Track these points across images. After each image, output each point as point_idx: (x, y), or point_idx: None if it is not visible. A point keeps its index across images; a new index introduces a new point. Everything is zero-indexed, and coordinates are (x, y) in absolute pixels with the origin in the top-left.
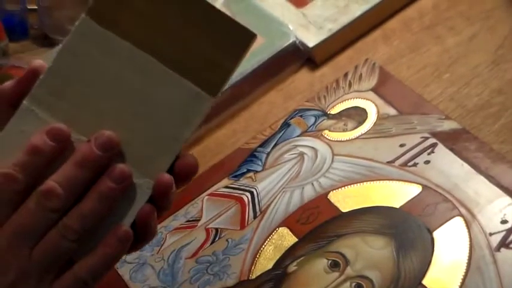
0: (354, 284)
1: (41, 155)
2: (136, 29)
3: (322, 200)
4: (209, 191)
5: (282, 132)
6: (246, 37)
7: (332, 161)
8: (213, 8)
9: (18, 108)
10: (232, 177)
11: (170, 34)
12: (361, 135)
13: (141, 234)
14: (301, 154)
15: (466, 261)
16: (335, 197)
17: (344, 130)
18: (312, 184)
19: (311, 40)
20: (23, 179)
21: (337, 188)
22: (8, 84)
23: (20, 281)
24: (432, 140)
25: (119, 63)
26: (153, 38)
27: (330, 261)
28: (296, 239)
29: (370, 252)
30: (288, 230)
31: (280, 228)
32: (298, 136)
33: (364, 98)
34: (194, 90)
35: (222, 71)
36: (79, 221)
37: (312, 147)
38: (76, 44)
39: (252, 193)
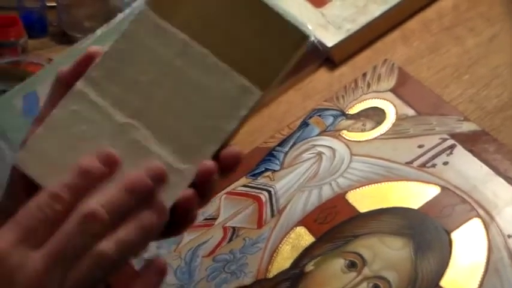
0: (371, 284)
1: (89, 178)
2: (193, 22)
3: (340, 200)
4: (227, 190)
5: (300, 131)
6: (299, 37)
7: (350, 161)
8: (269, 7)
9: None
10: (250, 176)
11: (225, 29)
12: (380, 135)
13: (181, 219)
14: (319, 154)
15: (484, 263)
16: (353, 197)
17: (362, 130)
18: (330, 184)
19: (330, 40)
20: (68, 199)
21: (355, 188)
22: (66, 67)
23: None
24: (451, 141)
25: (173, 53)
26: (208, 32)
27: (347, 262)
28: (313, 239)
29: (387, 252)
30: (306, 230)
31: (297, 227)
32: (316, 136)
33: (382, 99)
34: (244, 84)
35: (273, 68)
36: (118, 251)
37: (330, 147)
38: (133, 32)
39: (269, 192)
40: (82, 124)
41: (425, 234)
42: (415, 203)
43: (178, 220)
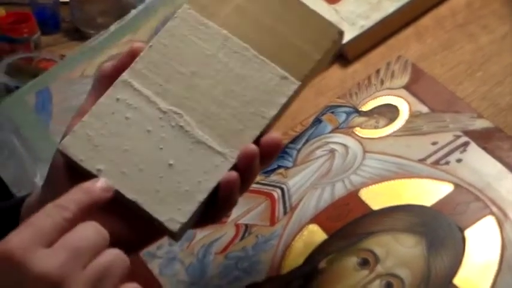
0: (384, 282)
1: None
2: (232, 20)
3: (352, 197)
4: None
5: (313, 128)
6: (334, 32)
7: (363, 158)
8: (306, 5)
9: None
10: (263, 173)
11: (264, 26)
12: (393, 132)
13: (223, 201)
14: (332, 151)
15: (498, 260)
16: (366, 195)
17: (375, 127)
18: (343, 181)
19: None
20: (74, 210)
21: (368, 186)
22: (109, 63)
23: None
24: (464, 139)
25: (214, 46)
26: (248, 28)
27: (360, 259)
28: (326, 236)
29: (400, 250)
30: (318, 227)
31: (310, 225)
32: (329, 133)
33: (396, 95)
34: (282, 74)
35: (309, 60)
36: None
37: (343, 144)
38: (176, 27)
39: (282, 189)
40: (127, 111)
41: (439, 231)
42: (428, 201)
43: (220, 204)
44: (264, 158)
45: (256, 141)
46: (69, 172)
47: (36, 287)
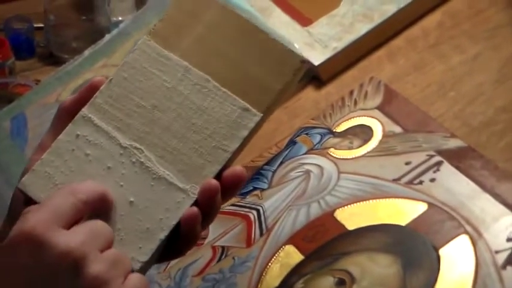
0: None
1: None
2: (193, 51)
3: (328, 218)
4: None
5: (288, 150)
6: (297, 61)
7: (338, 178)
8: (267, 33)
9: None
10: (239, 195)
11: (225, 56)
12: (367, 153)
13: (186, 237)
14: (307, 172)
15: (472, 279)
16: (341, 215)
17: (350, 148)
18: (318, 202)
19: (316, 58)
20: (87, 193)
21: (344, 206)
22: (69, 97)
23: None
24: (438, 158)
25: (175, 78)
26: (209, 59)
27: (336, 279)
28: (302, 257)
29: (376, 270)
30: (295, 248)
31: (286, 246)
32: (304, 154)
33: (369, 116)
34: (243, 106)
35: (270, 91)
36: None
37: (318, 165)
38: (136, 60)
39: (258, 211)
40: (87, 148)
41: (414, 251)
42: (403, 220)
43: (182, 239)
44: (226, 191)
45: (219, 174)
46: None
47: (60, 263)
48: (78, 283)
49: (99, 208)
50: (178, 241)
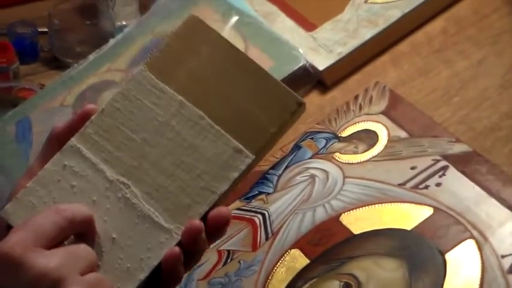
0: None
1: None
2: (189, 85)
3: (334, 222)
4: None
5: (293, 154)
6: (294, 103)
7: (343, 183)
8: (265, 73)
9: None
10: (244, 199)
11: (221, 93)
12: (372, 157)
13: (167, 277)
14: (313, 176)
15: (478, 283)
16: (347, 219)
17: (355, 153)
18: (324, 206)
19: (321, 63)
20: (72, 211)
21: (349, 210)
22: (60, 124)
23: None
24: (443, 163)
25: (168, 113)
26: (204, 95)
27: (342, 283)
28: (308, 261)
29: (382, 274)
30: (300, 252)
31: (292, 250)
32: (309, 158)
33: (374, 121)
34: (237, 147)
35: (266, 134)
36: None
37: (323, 170)
38: (130, 91)
39: (263, 215)
40: (73, 179)
41: (420, 255)
42: (409, 224)
43: (164, 279)
44: (211, 232)
45: (205, 215)
46: None
47: (37, 285)
48: None
49: (83, 231)
50: (160, 280)
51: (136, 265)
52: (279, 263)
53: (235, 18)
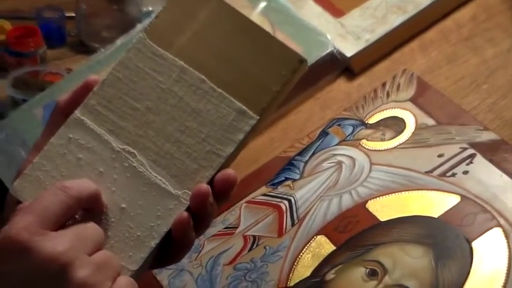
0: None
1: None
2: (189, 50)
3: (360, 209)
4: (247, 199)
5: (320, 141)
6: (296, 61)
7: (370, 170)
8: (266, 33)
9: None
10: (270, 185)
11: (221, 55)
12: (399, 145)
13: (178, 242)
14: (339, 163)
15: (505, 271)
16: (373, 206)
17: (382, 140)
18: (350, 193)
19: (349, 50)
20: (78, 189)
21: (375, 197)
22: (63, 97)
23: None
24: (471, 151)
25: (170, 79)
26: (205, 58)
27: (368, 270)
28: (334, 247)
29: (408, 261)
30: (326, 238)
31: (318, 236)
32: (336, 145)
33: (402, 108)
34: (239, 108)
35: (269, 92)
36: None
37: (350, 156)
38: (131, 60)
39: (289, 201)
40: (78, 152)
41: (446, 242)
42: (436, 212)
43: (175, 245)
44: (219, 196)
45: (212, 179)
46: None
47: (46, 269)
48: None
49: (91, 207)
50: (171, 247)
51: (147, 233)
52: (304, 249)
53: (263, 4)
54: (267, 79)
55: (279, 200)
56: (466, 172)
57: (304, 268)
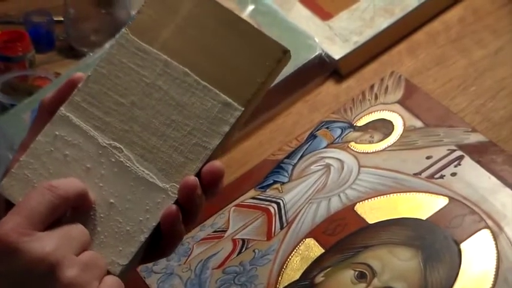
0: None
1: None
2: (172, 44)
3: (348, 212)
4: (236, 202)
5: (308, 143)
6: (279, 51)
7: (358, 172)
8: (249, 24)
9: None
10: (259, 188)
11: (204, 48)
12: (388, 147)
13: (167, 236)
14: (328, 166)
15: (494, 273)
16: (362, 209)
17: (370, 142)
18: (339, 196)
19: (337, 52)
20: (65, 189)
21: (364, 200)
22: (48, 94)
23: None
24: (459, 153)
25: (154, 73)
26: (188, 52)
27: (356, 273)
28: (323, 250)
29: (397, 263)
30: (315, 241)
31: (307, 239)
32: (324, 148)
33: (390, 110)
34: (224, 100)
35: (253, 85)
36: None
37: (339, 159)
38: (114, 55)
39: (278, 204)
40: (65, 149)
41: (435, 244)
42: (424, 214)
43: (165, 239)
44: (206, 188)
45: (199, 172)
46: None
47: (35, 269)
48: None
49: (79, 206)
50: (161, 241)
51: (136, 227)
52: (293, 252)
53: (251, 7)
54: (251, 70)
55: (267, 203)
56: (454, 174)
57: (293, 271)
